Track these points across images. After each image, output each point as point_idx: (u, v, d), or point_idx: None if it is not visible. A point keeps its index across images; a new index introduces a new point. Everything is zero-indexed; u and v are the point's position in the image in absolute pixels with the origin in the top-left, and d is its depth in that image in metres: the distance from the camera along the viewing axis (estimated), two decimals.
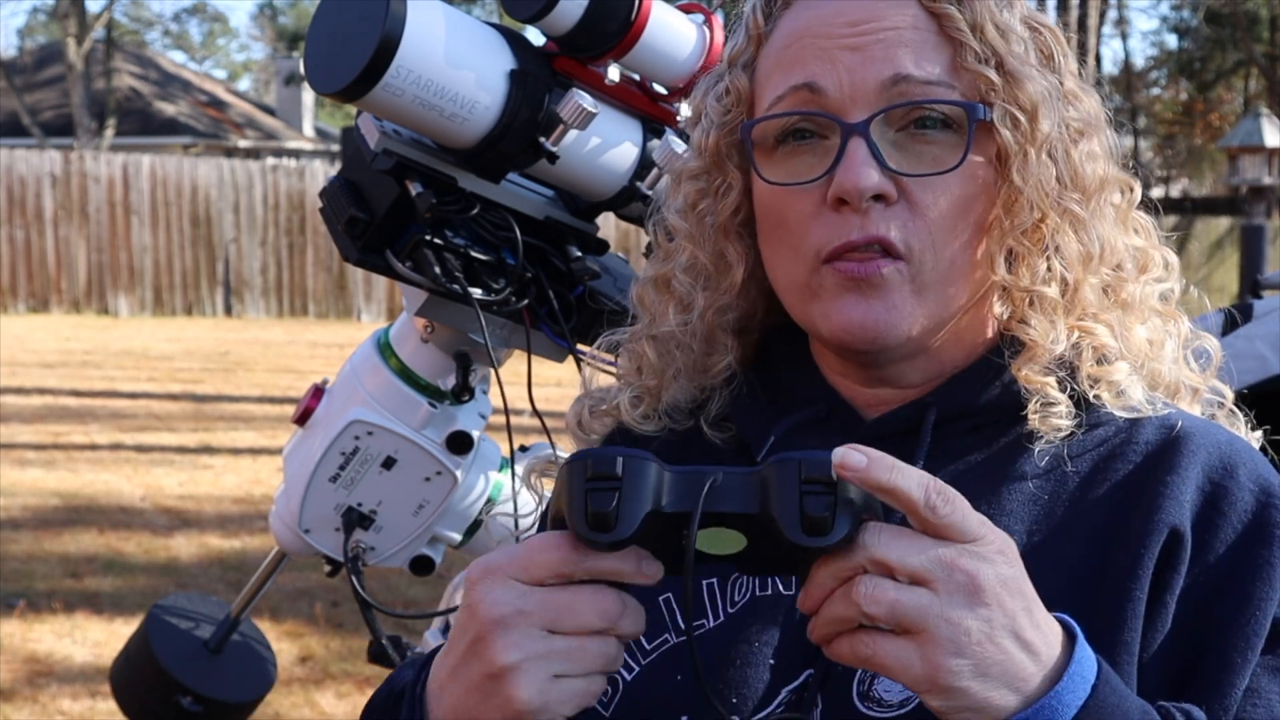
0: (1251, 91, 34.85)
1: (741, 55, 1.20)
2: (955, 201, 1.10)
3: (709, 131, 1.20)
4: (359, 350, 1.80)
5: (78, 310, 19.17)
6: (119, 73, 33.16)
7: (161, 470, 8.70)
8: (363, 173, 1.61)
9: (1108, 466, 1.10)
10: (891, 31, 1.11)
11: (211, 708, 1.91)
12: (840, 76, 1.10)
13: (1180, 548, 1.04)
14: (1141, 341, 1.16)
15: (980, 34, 1.11)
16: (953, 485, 1.09)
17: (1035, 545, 1.07)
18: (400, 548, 1.80)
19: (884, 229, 1.09)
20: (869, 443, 1.13)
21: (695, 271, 1.22)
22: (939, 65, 1.11)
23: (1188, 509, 1.06)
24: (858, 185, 1.07)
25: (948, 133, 1.10)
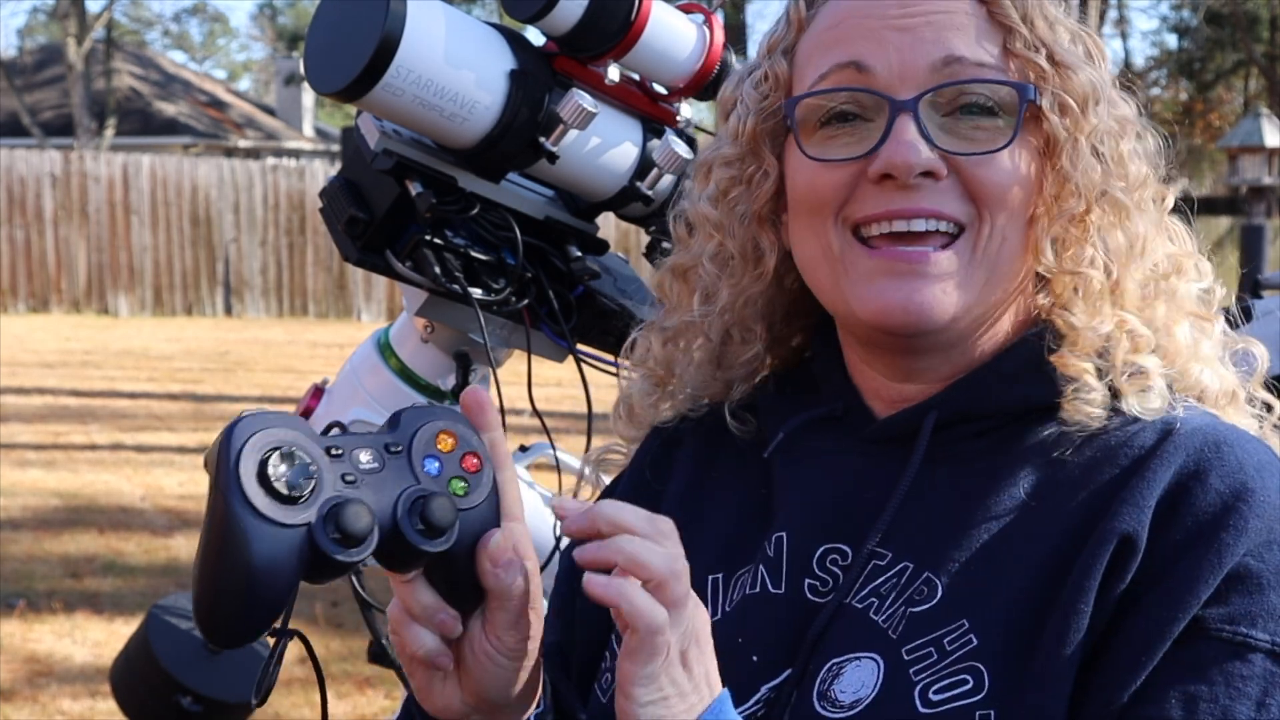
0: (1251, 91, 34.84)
1: (781, 42, 1.18)
2: (1011, 179, 1.09)
3: (745, 118, 1.18)
4: (359, 350, 1.80)
5: (78, 310, 19.16)
6: (119, 73, 33.14)
7: (161, 470, 8.70)
8: (363, 173, 1.61)
9: (1096, 471, 1.08)
10: (942, 14, 1.10)
11: (211, 708, 1.91)
12: (889, 56, 1.09)
13: (1130, 554, 1.02)
14: (1177, 341, 1.14)
15: (1030, 24, 1.11)
16: (946, 489, 1.10)
17: (1005, 552, 1.05)
18: None
19: (936, 202, 1.08)
20: (871, 445, 1.15)
21: (722, 260, 1.21)
22: (991, 49, 1.10)
23: (1148, 513, 1.03)
24: (907, 159, 1.06)
25: (995, 119, 1.09)
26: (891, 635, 1.05)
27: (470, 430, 0.96)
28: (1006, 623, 1.02)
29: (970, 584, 1.05)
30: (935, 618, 1.04)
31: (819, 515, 1.13)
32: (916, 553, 1.08)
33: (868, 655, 1.05)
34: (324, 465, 0.89)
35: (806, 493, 1.15)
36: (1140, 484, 1.04)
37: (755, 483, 1.20)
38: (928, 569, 1.06)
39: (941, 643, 1.03)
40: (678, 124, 1.67)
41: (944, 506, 1.09)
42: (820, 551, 1.11)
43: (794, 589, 1.11)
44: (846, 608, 1.08)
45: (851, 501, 1.12)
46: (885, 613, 1.06)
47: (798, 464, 1.17)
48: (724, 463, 1.24)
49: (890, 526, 1.09)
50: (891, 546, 1.09)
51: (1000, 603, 1.03)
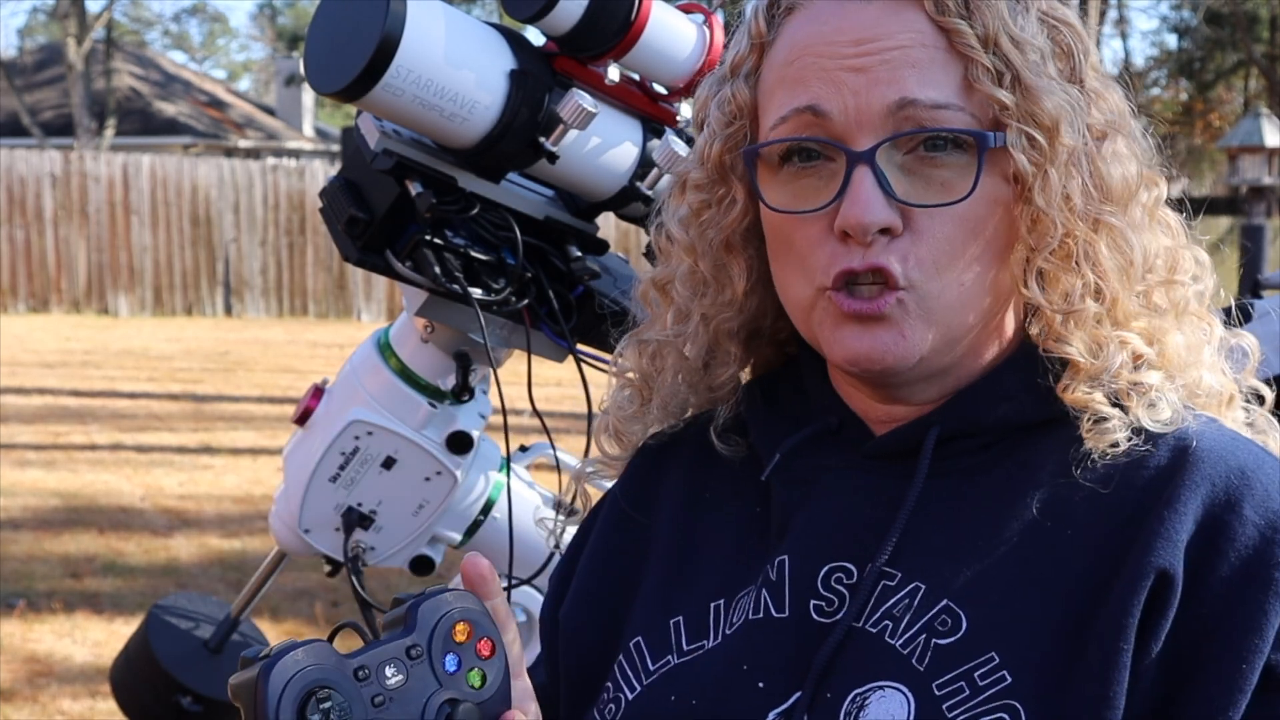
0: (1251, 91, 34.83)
1: (744, 64, 1.15)
2: (965, 227, 1.06)
3: (712, 143, 1.16)
4: (359, 350, 1.80)
5: (78, 310, 19.16)
6: (119, 73, 33.14)
7: (161, 470, 8.70)
8: (363, 173, 1.61)
9: (1114, 493, 1.04)
10: (897, 51, 1.05)
11: (211, 708, 1.91)
12: (844, 100, 1.06)
13: (1169, 591, 0.99)
14: (1178, 348, 1.11)
15: (994, 47, 1.06)
16: (953, 506, 1.07)
17: (1027, 579, 1.03)
18: (400, 548, 1.80)
19: (884, 259, 1.05)
20: (872, 461, 1.12)
21: (694, 282, 1.20)
22: (949, 85, 1.05)
23: (1181, 548, 1.00)
24: (861, 221, 1.04)
25: (959, 154, 1.05)
26: (918, 666, 1.02)
27: (481, 612, 0.99)
28: (1038, 658, 0.99)
29: (994, 613, 1.02)
30: (962, 650, 1.01)
31: (822, 535, 1.10)
32: (927, 574, 1.05)
33: (894, 686, 1.02)
34: (354, 696, 0.93)
35: (808, 513, 1.12)
36: (1170, 515, 1.01)
37: (751, 502, 1.18)
38: (947, 596, 1.03)
39: (972, 677, 1.00)
40: (678, 124, 1.67)
41: (951, 523, 1.07)
42: (825, 571, 1.09)
43: (799, 611, 1.08)
44: (859, 631, 1.05)
45: (855, 519, 1.10)
46: (903, 638, 1.03)
47: (796, 483, 1.15)
48: (717, 485, 1.21)
49: (897, 545, 1.06)
50: (900, 566, 1.06)
51: (1029, 636, 1.00)
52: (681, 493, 1.22)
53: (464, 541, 1.85)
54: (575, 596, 1.24)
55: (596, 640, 1.20)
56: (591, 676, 1.19)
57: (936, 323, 1.07)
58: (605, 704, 1.15)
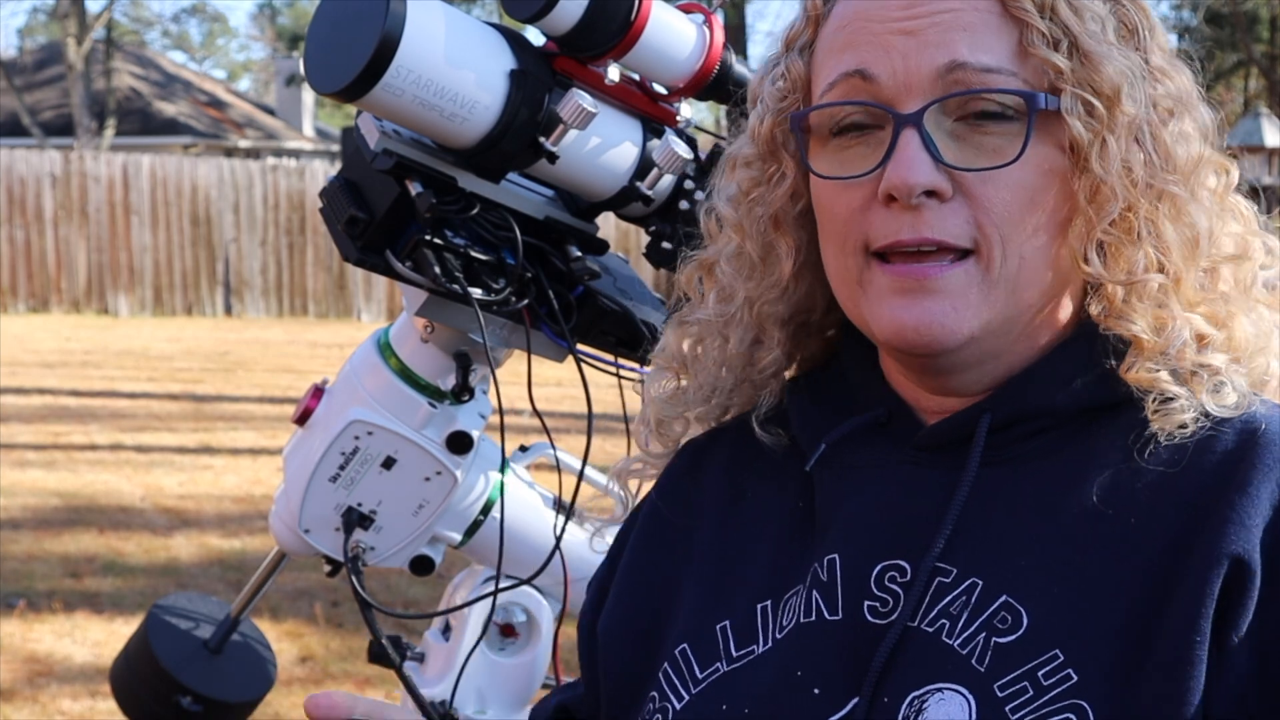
0: (1251, 91, 34.84)
1: (799, 38, 1.13)
2: (1020, 194, 1.02)
3: (764, 117, 1.14)
4: (359, 350, 1.79)
5: (78, 310, 19.17)
6: (119, 73, 33.14)
7: (161, 470, 8.70)
8: (363, 173, 1.61)
9: (1179, 478, 0.99)
10: (948, 14, 1.02)
11: (211, 708, 1.91)
12: (893, 63, 1.03)
13: (1247, 580, 0.93)
14: (1246, 334, 1.06)
15: (1050, 13, 1.02)
16: (1009, 496, 1.03)
17: (1090, 571, 0.98)
18: (400, 548, 1.80)
19: (939, 229, 1.02)
20: (923, 453, 1.08)
21: (740, 261, 1.17)
22: (1002, 50, 1.02)
23: (1257, 533, 0.95)
24: (906, 181, 1.01)
25: (1010, 123, 1.02)
26: (978, 667, 0.97)
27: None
28: (1105, 654, 0.95)
29: (1057, 608, 0.98)
30: (1024, 648, 0.97)
31: (873, 532, 1.06)
32: (984, 568, 1.01)
33: (952, 688, 0.97)
34: None
35: (856, 508, 1.08)
36: (1242, 500, 0.96)
37: (794, 498, 1.14)
38: (1005, 590, 0.99)
39: (1036, 676, 0.96)
40: (678, 124, 1.67)
41: (1008, 515, 1.03)
42: (878, 570, 1.04)
43: (853, 613, 1.04)
44: (915, 631, 1.01)
45: (906, 514, 1.05)
46: (962, 637, 0.99)
47: (843, 477, 1.11)
48: (757, 482, 1.18)
49: (951, 539, 1.02)
50: (956, 561, 1.02)
51: (1095, 631, 0.96)
52: (721, 493, 1.20)
53: (464, 541, 1.85)
54: (614, 604, 1.22)
55: (638, 648, 1.17)
56: (634, 685, 1.16)
57: (995, 298, 1.03)
58: (651, 714, 1.12)
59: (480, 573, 1.93)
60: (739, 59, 1.65)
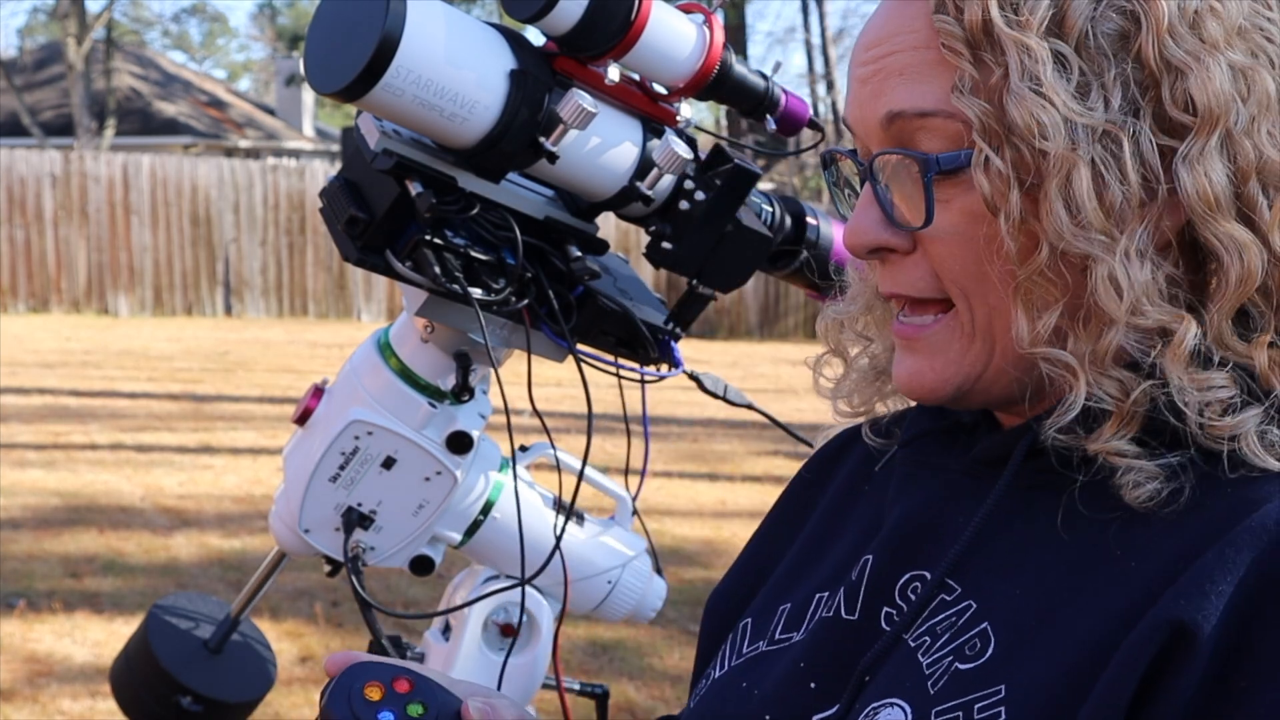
0: None
1: None
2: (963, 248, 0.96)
3: None
4: (359, 350, 1.80)
5: (78, 310, 19.16)
6: (119, 73, 33.14)
7: (161, 470, 8.70)
8: (363, 173, 1.61)
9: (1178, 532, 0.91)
10: (890, 58, 0.97)
11: (211, 708, 1.91)
12: (854, 113, 1.01)
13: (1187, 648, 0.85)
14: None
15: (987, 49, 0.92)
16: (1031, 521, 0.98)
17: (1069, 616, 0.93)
18: (400, 548, 1.80)
19: (901, 283, 1.01)
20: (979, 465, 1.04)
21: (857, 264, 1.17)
22: (938, 92, 0.95)
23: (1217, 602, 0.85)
24: (852, 241, 1.01)
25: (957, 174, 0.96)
26: (930, 689, 0.95)
27: (369, 664, 1.02)
28: (1044, 699, 0.90)
29: (1023, 643, 0.93)
30: (976, 678, 0.93)
31: (907, 537, 1.04)
32: (983, 591, 0.98)
33: (899, 703, 0.95)
34: None
35: (902, 512, 1.07)
36: (1214, 562, 0.87)
37: (882, 496, 1.13)
38: (989, 618, 0.96)
39: (972, 708, 0.92)
40: (678, 124, 1.67)
41: (1024, 539, 0.98)
42: (905, 578, 1.03)
43: (869, 616, 1.03)
44: (903, 644, 0.99)
45: (941, 524, 1.03)
46: (932, 657, 0.97)
47: (906, 481, 1.10)
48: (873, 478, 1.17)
49: (967, 557, 0.99)
50: (963, 581, 0.99)
51: (1045, 673, 0.91)
52: (843, 487, 1.20)
53: (464, 541, 1.85)
54: (731, 571, 1.24)
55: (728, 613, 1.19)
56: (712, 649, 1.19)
57: (976, 349, 0.99)
58: (703, 677, 1.15)
59: (480, 573, 1.93)
60: (739, 59, 1.65)
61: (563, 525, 1.74)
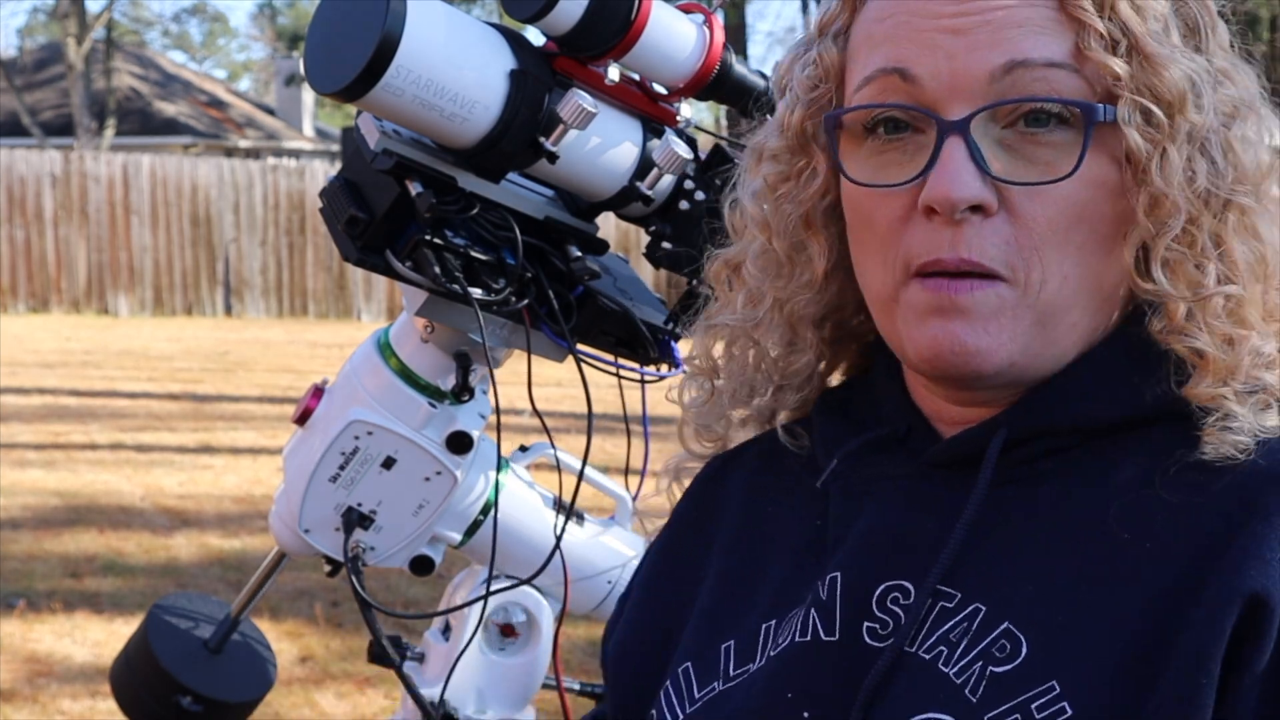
0: None
1: (833, 23, 1.05)
2: (1068, 211, 0.95)
3: (794, 108, 1.06)
4: (359, 350, 1.80)
5: (78, 310, 19.17)
6: (119, 73, 33.14)
7: (161, 470, 8.70)
8: (363, 173, 1.61)
9: (1203, 504, 0.92)
10: (1001, 11, 0.95)
11: (211, 708, 1.91)
12: (939, 64, 0.95)
13: (1264, 619, 0.86)
14: None
15: (1110, 12, 0.95)
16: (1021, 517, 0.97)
17: (1098, 598, 0.92)
18: (400, 548, 1.80)
19: (978, 249, 0.95)
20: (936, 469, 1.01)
21: (766, 260, 1.11)
22: (1060, 48, 0.95)
23: (1278, 568, 0.87)
24: (949, 196, 0.94)
25: (1066, 130, 0.95)
26: (970, 697, 0.92)
27: None
28: (1104, 688, 0.89)
29: (1058, 638, 0.91)
30: (1021, 678, 0.91)
31: (877, 550, 1.01)
32: (989, 593, 0.95)
33: (939, 717, 0.92)
34: None
35: (863, 526, 1.03)
36: (1265, 530, 0.88)
37: (810, 515, 1.09)
38: (1007, 618, 0.94)
39: (1029, 708, 0.89)
40: (678, 124, 1.67)
41: (1017, 536, 0.97)
42: (880, 591, 0.99)
43: (851, 635, 0.99)
44: (912, 657, 0.96)
45: (913, 533, 1.00)
46: (958, 666, 0.94)
47: (854, 493, 1.05)
48: (777, 498, 1.13)
49: (957, 561, 0.97)
50: (960, 585, 0.96)
51: (1096, 663, 0.89)
52: (739, 511, 1.16)
53: (464, 541, 1.85)
54: (626, 620, 1.20)
55: (645, 666, 1.14)
56: (640, 703, 1.13)
57: (1035, 321, 0.96)
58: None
59: (480, 573, 1.93)
60: (739, 59, 1.65)
61: (563, 525, 1.74)
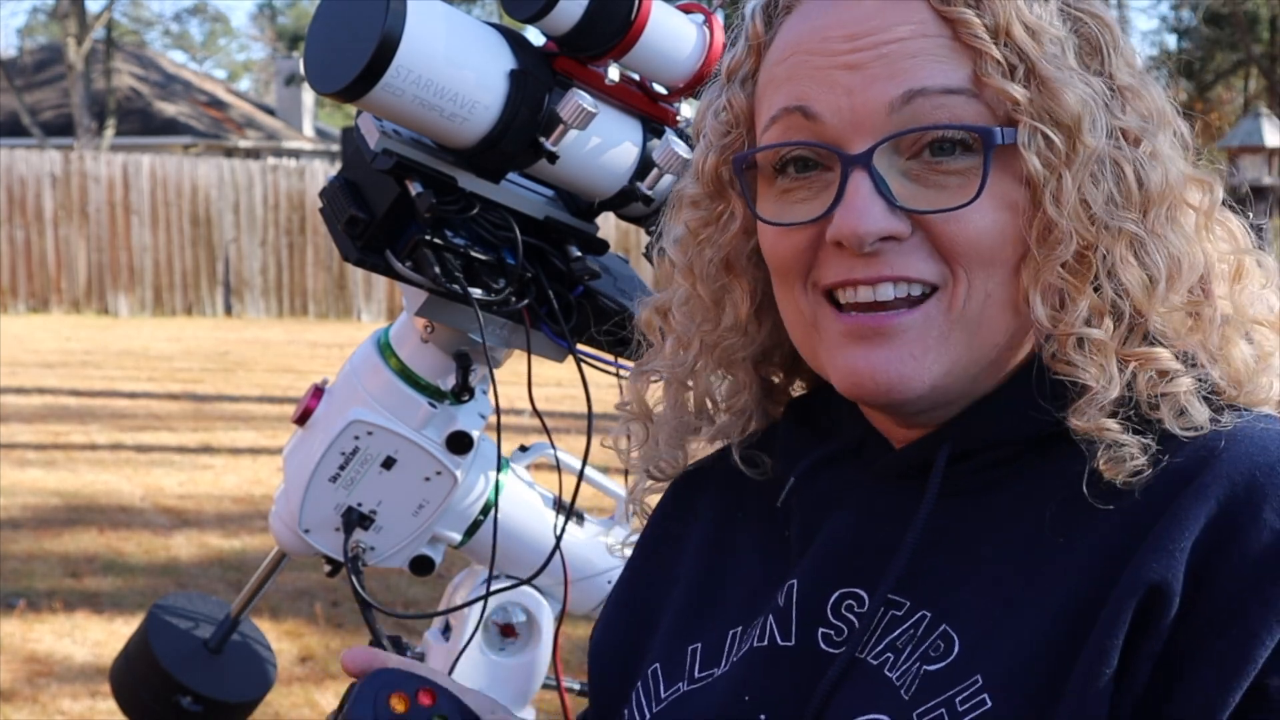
0: (1251, 92, 34.84)
1: (740, 68, 1.07)
2: (989, 232, 0.97)
3: (707, 154, 1.08)
4: (359, 350, 1.80)
5: (78, 310, 19.17)
6: (119, 73, 33.15)
7: (161, 470, 8.70)
8: (363, 173, 1.61)
9: (1129, 503, 0.95)
10: (895, 44, 0.97)
11: (211, 708, 1.91)
12: (838, 100, 0.97)
13: (1163, 606, 0.90)
14: (1237, 359, 1.00)
15: (1006, 37, 0.96)
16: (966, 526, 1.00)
17: (1027, 596, 0.95)
18: (400, 548, 1.80)
19: (899, 267, 0.97)
20: (889, 481, 1.05)
21: (692, 307, 1.12)
22: (959, 73, 0.96)
23: (1181, 556, 0.90)
24: (856, 230, 0.96)
25: (970, 157, 0.97)
26: (904, 695, 0.95)
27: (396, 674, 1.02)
28: (1025, 680, 0.92)
29: (987, 634, 0.95)
30: (949, 675, 0.94)
31: (833, 559, 1.03)
32: (934, 601, 0.98)
33: (878, 717, 0.95)
34: None
35: (824, 534, 1.05)
36: (1171, 523, 0.91)
37: (777, 527, 1.11)
38: (945, 620, 0.97)
39: (954, 703, 0.93)
40: (678, 124, 1.67)
41: (964, 544, 1.00)
42: (835, 597, 1.02)
43: (806, 640, 1.01)
44: (861, 663, 0.98)
45: (868, 543, 1.02)
46: (900, 669, 0.97)
47: (812, 506, 1.08)
48: (748, 508, 1.16)
49: (909, 570, 0.99)
50: (910, 594, 0.99)
51: (1019, 656, 0.93)
52: (713, 518, 1.18)
53: (464, 541, 1.85)
54: (603, 624, 1.22)
55: (619, 668, 1.17)
56: (615, 701, 1.16)
57: (957, 340, 0.99)
58: None
59: (480, 573, 1.93)
60: None
61: (563, 525, 1.74)
